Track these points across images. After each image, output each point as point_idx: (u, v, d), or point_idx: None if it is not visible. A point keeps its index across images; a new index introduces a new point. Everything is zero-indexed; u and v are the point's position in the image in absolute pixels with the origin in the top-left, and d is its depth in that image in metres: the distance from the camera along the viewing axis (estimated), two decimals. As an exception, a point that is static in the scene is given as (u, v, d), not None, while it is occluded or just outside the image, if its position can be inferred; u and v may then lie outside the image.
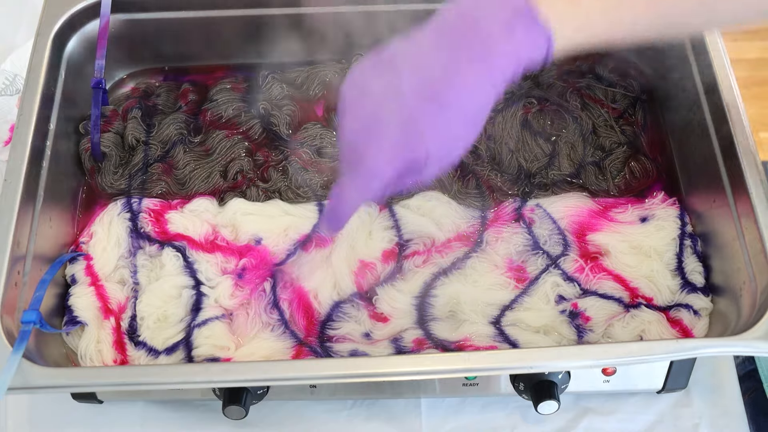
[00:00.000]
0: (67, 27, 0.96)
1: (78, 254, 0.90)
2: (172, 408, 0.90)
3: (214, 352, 0.84)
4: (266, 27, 1.02)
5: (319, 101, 1.03)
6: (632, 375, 0.86)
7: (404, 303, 0.86)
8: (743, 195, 0.82)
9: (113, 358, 0.84)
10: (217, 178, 0.96)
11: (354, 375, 0.75)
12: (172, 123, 0.99)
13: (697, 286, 0.87)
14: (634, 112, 1.00)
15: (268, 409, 0.88)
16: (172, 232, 0.91)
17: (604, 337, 0.84)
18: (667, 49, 0.98)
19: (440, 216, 0.92)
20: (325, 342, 0.85)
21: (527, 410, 0.88)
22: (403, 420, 0.89)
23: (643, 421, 0.88)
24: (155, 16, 1.01)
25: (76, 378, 0.76)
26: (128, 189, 0.95)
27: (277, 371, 0.75)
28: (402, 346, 0.83)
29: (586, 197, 0.93)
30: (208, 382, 0.77)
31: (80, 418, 0.89)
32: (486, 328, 0.84)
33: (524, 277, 0.88)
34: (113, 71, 1.04)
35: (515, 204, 0.93)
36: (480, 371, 0.78)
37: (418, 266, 0.89)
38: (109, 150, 0.97)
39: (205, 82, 1.04)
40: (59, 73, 0.95)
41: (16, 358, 0.73)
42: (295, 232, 0.91)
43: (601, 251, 0.90)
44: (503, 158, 0.96)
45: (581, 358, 0.76)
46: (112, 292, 0.88)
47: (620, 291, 0.87)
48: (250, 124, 1.00)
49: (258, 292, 0.88)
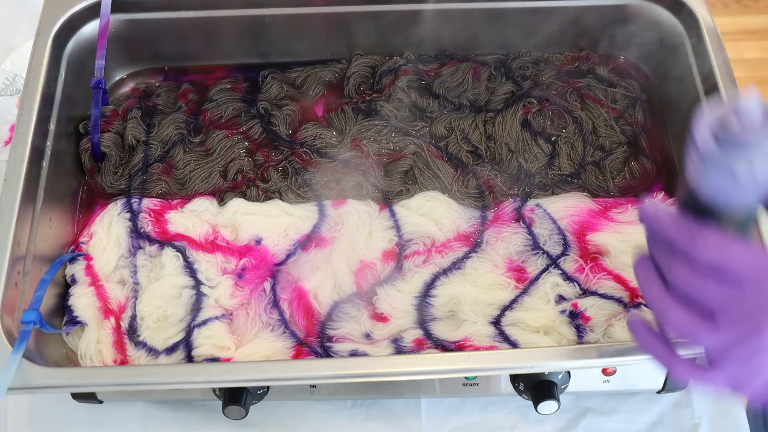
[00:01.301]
0: (67, 27, 0.96)
1: (78, 254, 0.90)
2: (172, 408, 0.90)
3: (214, 352, 0.84)
4: (266, 27, 1.02)
5: (319, 101, 1.03)
6: (632, 375, 0.86)
7: (404, 303, 0.86)
8: (743, 195, 0.82)
9: (113, 358, 0.84)
10: (217, 178, 0.96)
11: (354, 375, 0.75)
12: (172, 123, 0.99)
13: (697, 286, 0.86)
14: (634, 112, 1.00)
15: (268, 409, 0.88)
16: (172, 232, 0.91)
17: (604, 337, 0.84)
18: (667, 49, 0.98)
19: (440, 216, 0.92)
20: (325, 342, 0.85)
21: (527, 410, 0.88)
22: (403, 420, 0.89)
23: (643, 421, 0.88)
24: (155, 16, 1.01)
25: (76, 378, 0.76)
26: (128, 189, 0.95)
27: (277, 371, 0.75)
28: (402, 346, 0.83)
29: (586, 197, 0.93)
30: (208, 382, 0.77)
31: (80, 418, 0.89)
32: (486, 328, 0.84)
33: (524, 277, 0.88)
34: (113, 71, 1.04)
35: (515, 204, 0.93)
36: (480, 371, 0.78)
37: (418, 266, 0.89)
38: (109, 150, 0.97)
39: (205, 82, 1.04)
40: (59, 73, 0.95)
41: (16, 358, 0.73)
42: (295, 232, 0.91)
43: (601, 251, 0.90)
44: (503, 158, 0.96)
45: (581, 358, 0.76)
46: (112, 292, 0.88)
47: (620, 291, 0.87)
48: (250, 124, 1.00)
49: (258, 292, 0.88)
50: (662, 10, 0.97)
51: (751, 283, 0.54)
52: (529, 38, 1.03)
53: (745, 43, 2.11)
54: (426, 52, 1.05)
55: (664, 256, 0.58)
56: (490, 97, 1.01)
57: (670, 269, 0.57)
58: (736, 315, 0.55)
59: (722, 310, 0.55)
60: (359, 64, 1.03)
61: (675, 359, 0.60)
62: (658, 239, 0.59)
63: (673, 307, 0.57)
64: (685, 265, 0.56)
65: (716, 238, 0.55)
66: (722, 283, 0.55)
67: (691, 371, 0.58)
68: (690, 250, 0.56)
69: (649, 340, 0.61)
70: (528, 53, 1.04)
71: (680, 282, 0.57)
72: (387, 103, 1.00)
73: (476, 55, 1.05)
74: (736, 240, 0.55)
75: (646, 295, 0.59)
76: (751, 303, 0.54)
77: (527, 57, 1.04)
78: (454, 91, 1.01)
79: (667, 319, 0.57)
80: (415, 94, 1.01)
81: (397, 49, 1.04)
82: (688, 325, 0.56)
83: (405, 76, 1.02)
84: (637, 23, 1.00)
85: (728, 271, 0.55)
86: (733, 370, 0.56)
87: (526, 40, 1.04)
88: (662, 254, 0.58)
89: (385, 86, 1.02)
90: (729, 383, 0.57)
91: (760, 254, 0.55)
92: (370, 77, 1.03)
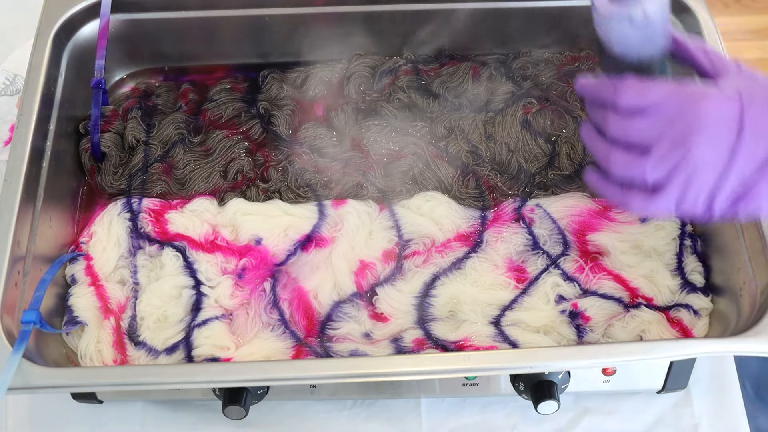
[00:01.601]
0: (67, 27, 0.96)
1: (78, 254, 0.90)
2: (172, 408, 0.90)
3: (214, 352, 0.84)
4: (266, 27, 1.02)
5: (319, 101, 1.03)
6: (632, 375, 0.86)
7: (404, 303, 0.86)
8: (743, 195, 0.82)
9: (113, 358, 0.84)
10: (217, 178, 0.96)
11: (354, 375, 0.75)
12: (172, 123, 0.99)
13: (697, 286, 0.87)
14: (634, 112, 1.00)
15: (268, 409, 0.88)
16: (172, 232, 0.91)
17: (604, 337, 0.84)
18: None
19: (440, 216, 0.92)
20: (325, 342, 0.85)
21: (527, 410, 0.88)
22: (403, 420, 0.89)
23: (643, 421, 0.88)
24: (155, 16, 1.01)
25: (76, 378, 0.76)
26: (128, 189, 0.95)
27: (277, 371, 0.75)
28: (402, 346, 0.83)
29: (586, 197, 0.93)
30: (208, 382, 0.77)
31: (80, 418, 0.89)
32: (486, 328, 0.84)
33: (524, 277, 0.88)
34: (113, 71, 1.04)
35: (515, 204, 0.93)
36: (480, 371, 0.78)
37: (418, 266, 0.89)
38: (109, 150, 0.97)
39: (205, 82, 1.04)
40: (59, 73, 0.95)
41: (16, 358, 0.73)
42: (295, 232, 0.91)
43: (601, 251, 0.90)
44: (503, 158, 0.96)
45: (581, 358, 0.76)
46: (112, 292, 0.88)
47: (620, 291, 0.87)
48: (250, 124, 1.00)
49: (258, 292, 0.88)
50: (662, 10, 0.97)
51: (672, 109, 0.61)
52: (529, 38, 1.03)
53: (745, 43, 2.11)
54: (426, 52, 1.05)
55: (599, 115, 0.66)
56: (490, 97, 1.01)
57: (605, 123, 0.65)
58: (667, 142, 0.62)
59: (654, 141, 0.62)
60: (359, 64, 1.03)
61: (626, 194, 0.65)
62: (593, 103, 0.66)
63: (615, 153, 0.64)
64: (615, 115, 0.64)
65: (633, 83, 0.63)
66: (647, 117, 0.62)
67: (643, 201, 0.64)
68: (615, 100, 0.63)
69: (603, 186, 0.67)
70: (528, 53, 1.04)
71: (614, 130, 0.64)
72: (387, 103, 1.00)
73: (476, 55, 1.05)
74: (651, 81, 0.63)
75: (592, 151, 0.67)
76: (676, 128, 0.61)
77: (527, 57, 1.04)
78: (454, 91, 1.01)
79: (612, 163, 0.64)
80: (415, 94, 1.01)
81: (397, 49, 1.04)
82: (631, 164, 0.63)
83: (405, 76, 1.02)
84: (637, 23, 1.00)
85: (649, 106, 0.62)
86: (678, 191, 0.62)
87: (526, 40, 1.04)
88: (598, 114, 0.66)
89: (385, 86, 1.02)
90: (677, 204, 0.63)
91: (674, 86, 0.62)
92: (370, 77, 1.03)
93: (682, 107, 0.61)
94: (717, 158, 0.61)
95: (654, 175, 0.62)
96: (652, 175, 0.62)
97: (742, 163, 0.61)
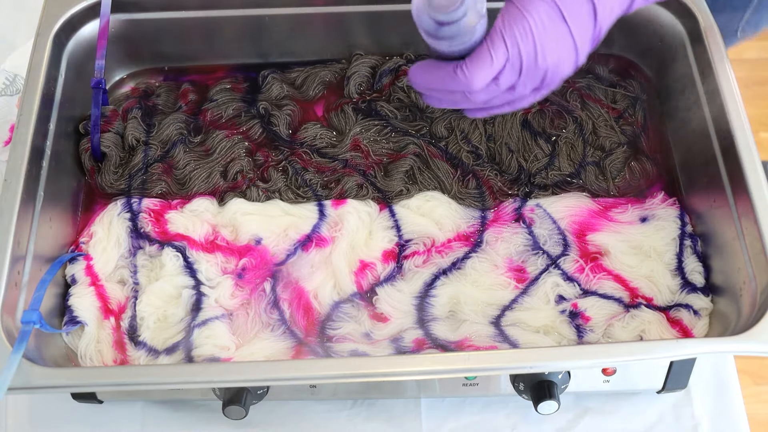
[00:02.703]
0: (67, 27, 0.96)
1: (78, 254, 0.90)
2: (172, 408, 0.90)
3: (215, 352, 0.84)
4: (266, 27, 1.02)
5: (319, 101, 1.03)
6: (632, 375, 0.86)
7: (404, 303, 0.86)
8: (743, 195, 0.82)
9: (113, 358, 0.84)
10: (217, 178, 0.96)
11: (354, 375, 0.75)
12: (172, 123, 0.99)
13: (697, 286, 0.87)
14: (634, 112, 1.00)
15: (268, 409, 0.88)
16: (172, 232, 0.91)
17: (604, 337, 0.84)
18: (667, 49, 0.98)
19: (440, 216, 0.92)
20: (325, 342, 0.85)
21: (527, 410, 0.88)
22: (403, 420, 0.89)
23: (643, 421, 0.88)
24: (155, 16, 1.01)
25: (76, 378, 0.76)
26: (128, 189, 0.95)
27: (277, 371, 0.75)
28: (402, 346, 0.83)
29: (586, 197, 0.93)
30: (208, 382, 0.77)
31: (80, 418, 0.89)
32: (486, 328, 0.84)
33: (524, 277, 0.88)
34: (113, 71, 1.04)
35: (515, 204, 0.93)
36: (480, 371, 0.78)
37: (418, 266, 0.89)
38: (109, 150, 0.97)
39: (205, 82, 1.04)
40: (59, 73, 0.95)
41: (16, 358, 0.73)
42: (295, 232, 0.91)
43: (601, 251, 0.90)
44: (503, 158, 0.96)
45: (581, 358, 0.76)
46: (112, 292, 0.88)
47: (620, 291, 0.87)
48: (250, 124, 1.00)
49: (258, 292, 0.88)
50: (662, 10, 0.97)
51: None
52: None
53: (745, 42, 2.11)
54: (426, 52, 1.04)
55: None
56: (490, 97, 1.01)
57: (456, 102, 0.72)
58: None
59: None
60: (359, 64, 1.03)
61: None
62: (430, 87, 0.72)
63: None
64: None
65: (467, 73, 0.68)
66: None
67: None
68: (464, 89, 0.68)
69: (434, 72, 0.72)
70: (528, 53, 1.04)
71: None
72: (387, 103, 1.00)
73: (476, 55, 1.05)
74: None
75: (430, 83, 0.72)
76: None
77: (527, 57, 1.04)
78: (454, 91, 1.01)
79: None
80: (415, 94, 1.01)
81: (397, 49, 1.04)
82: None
83: (405, 76, 1.02)
84: (637, 23, 1.00)
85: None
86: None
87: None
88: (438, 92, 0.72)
89: (385, 86, 1.02)
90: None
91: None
92: (370, 77, 1.03)
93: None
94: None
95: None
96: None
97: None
